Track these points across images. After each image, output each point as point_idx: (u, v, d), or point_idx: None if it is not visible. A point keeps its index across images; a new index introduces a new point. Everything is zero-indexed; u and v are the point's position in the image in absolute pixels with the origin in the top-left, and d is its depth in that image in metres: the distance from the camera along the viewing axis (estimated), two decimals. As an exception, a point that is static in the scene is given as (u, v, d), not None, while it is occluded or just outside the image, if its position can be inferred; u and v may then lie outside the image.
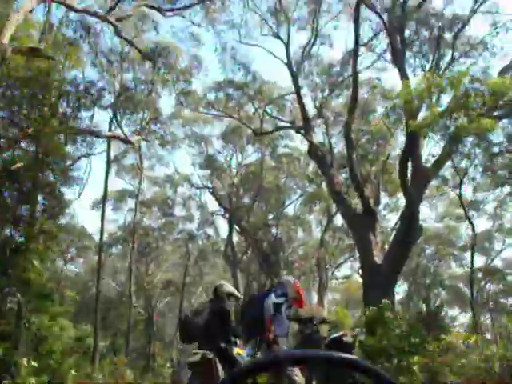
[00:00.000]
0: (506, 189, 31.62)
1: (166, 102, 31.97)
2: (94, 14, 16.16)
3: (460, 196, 16.43)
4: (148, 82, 27.50)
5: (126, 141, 20.74)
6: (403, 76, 18.67)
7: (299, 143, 36.90)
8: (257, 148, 37.11)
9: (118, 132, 23.49)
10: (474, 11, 22.85)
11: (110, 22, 16.24)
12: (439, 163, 20.39)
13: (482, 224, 65.57)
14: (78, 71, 20.25)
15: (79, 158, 18.71)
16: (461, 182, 16.35)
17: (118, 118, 24.98)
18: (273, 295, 6.80)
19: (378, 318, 12.21)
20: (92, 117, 19.71)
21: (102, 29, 23.47)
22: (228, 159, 37.55)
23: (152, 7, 18.57)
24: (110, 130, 24.26)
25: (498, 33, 24.28)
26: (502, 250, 40.46)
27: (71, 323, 25.43)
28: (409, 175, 20.14)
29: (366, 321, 12.32)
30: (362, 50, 25.32)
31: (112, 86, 25.12)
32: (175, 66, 26.16)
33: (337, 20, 28.75)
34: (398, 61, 20.07)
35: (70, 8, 15.12)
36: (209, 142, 37.99)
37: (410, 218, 19.98)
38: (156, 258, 44.08)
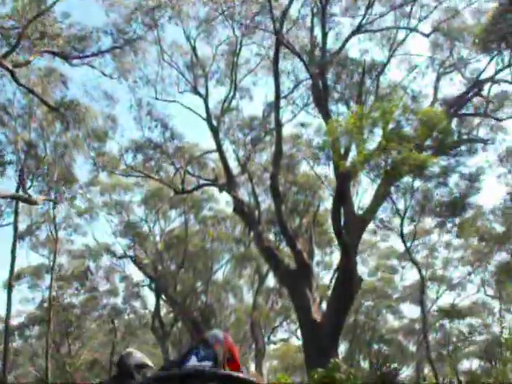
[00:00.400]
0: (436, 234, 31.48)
1: (81, 167, 30.06)
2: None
3: (402, 235, 15.42)
4: (57, 142, 25.58)
5: (28, 201, 18.70)
6: (328, 118, 17.83)
7: (224, 205, 35.78)
8: (180, 212, 35.56)
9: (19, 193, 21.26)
10: (390, 56, 22.78)
11: (5, 68, 14.57)
12: (374, 206, 19.47)
13: (414, 274, 65.78)
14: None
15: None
16: (402, 220, 15.35)
17: (23, 177, 22.71)
18: (193, 359, 5.02)
19: (328, 380, 10.68)
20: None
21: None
22: (151, 225, 35.66)
23: (55, 53, 17.02)
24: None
25: (414, 78, 24.38)
26: (437, 298, 39.95)
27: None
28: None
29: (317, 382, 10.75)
30: (283, 102, 24.73)
31: (15, 143, 22.98)
32: (87, 125, 24.40)
33: (255, 74, 28.18)
34: (322, 104, 19.32)
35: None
36: (129, 210, 36.14)
37: (347, 268, 18.80)
38: (79, 337, 40.82)
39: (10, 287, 22.37)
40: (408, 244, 34.93)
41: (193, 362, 4.52)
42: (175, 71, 25.91)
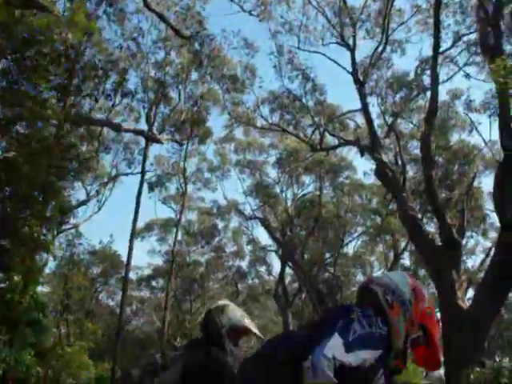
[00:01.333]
0: None
1: (215, 121, 29.06)
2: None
3: None
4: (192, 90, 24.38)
5: (152, 138, 17.50)
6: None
7: (362, 175, 33.36)
8: (315, 177, 33.55)
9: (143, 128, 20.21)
10: None
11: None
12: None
13: None
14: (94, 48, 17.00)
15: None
16: None
17: (150, 115, 21.62)
18: (356, 324, 2.32)
19: (489, 381, 8.13)
20: (113, 106, 16.58)
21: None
22: (284, 188, 34.01)
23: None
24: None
25: None
26: None
27: (90, 361, 22.19)
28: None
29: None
30: (439, 60, 21.68)
31: (141, 74, 21.97)
32: (222, 68, 22.90)
33: (409, 29, 25.29)
34: (492, 50, 16.06)
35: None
36: (263, 170, 34.78)
37: (507, 250, 15.68)
38: (201, 296, 40.54)
39: (132, 233, 21.61)
40: None
41: (333, 344, 2.19)
42: (320, 21, 23.70)
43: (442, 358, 2.60)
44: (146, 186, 28.34)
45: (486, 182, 23.68)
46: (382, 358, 2.30)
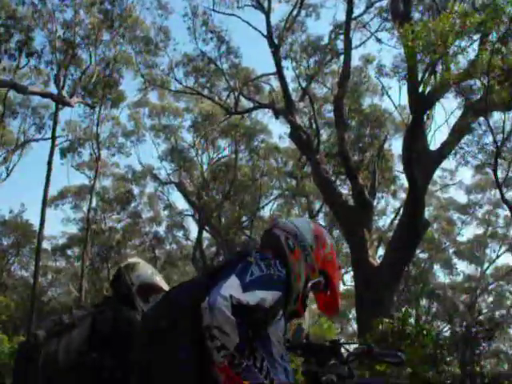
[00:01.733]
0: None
1: (128, 85, 28.37)
2: None
3: (496, 175, 12.95)
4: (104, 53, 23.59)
5: (62, 101, 16.84)
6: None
7: (277, 139, 33.67)
8: (230, 142, 33.56)
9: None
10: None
11: None
12: (454, 138, 16.84)
13: (471, 230, 63.37)
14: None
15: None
16: (496, 156, 12.84)
17: (59, 77, 20.74)
18: (253, 266, 2.34)
19: (397, 333, 8.55)
20: (17, 67, 15.78)
21: None
22: (199, 152, 33.81)
23: None
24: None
25: None
26: (497, 258, 37.25)
27: (4, 336, 21.53)
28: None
29: (381, 336, 8.64)
30: (352, 25, 22.02)
31: (47, 34, 20.97)
32: (135, 29, 22.32)
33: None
34: (402, 16, 16.50)
35: None
36: (178, 135, 34.39)
37: (414, 207, 16.41)
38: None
39: (44, 200, 20.90)
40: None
41: (229, 284, 2.20)
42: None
43: (340, 304, 2.64)
44: (57, 151, 27.50)
45: (396, 145, 24.59)
46: (280, 301, 2.34)
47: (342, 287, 39.51)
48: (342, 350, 2.76)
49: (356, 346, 3.07)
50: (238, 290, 2.20)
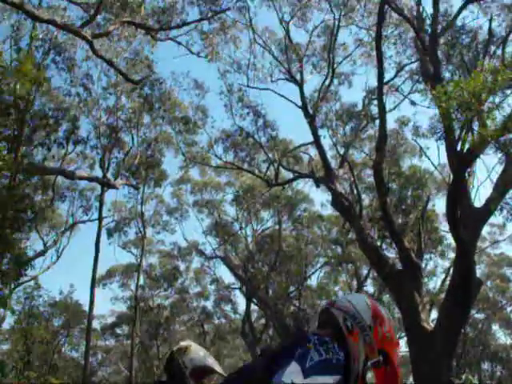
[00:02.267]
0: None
1: (170, 164, 29.18)
2: (64, 27, 13.10)
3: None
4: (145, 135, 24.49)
5: (108, 184, 17.39)
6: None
7: (319, 207, 33.80)
8: (273, 213, 33.81)
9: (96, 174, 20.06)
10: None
11: (83, 38, 13.21)
12: (498, 194, 16.57)
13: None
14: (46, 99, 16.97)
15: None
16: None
17: (104, 161, 21.55)
18: (312, 352, 2.29)
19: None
20: (64, 154, 16.47)
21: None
22: (243, 225, 34.09)
23: (136, 24, 15.49)
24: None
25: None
26: None
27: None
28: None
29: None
30: (385, 89, 22.38)
31: (92, 121, 21.95)
32: (174, 109, 23.12)
33: (353, 62, 26.10)
34: (433, 78, 16.69)
35: (30, 16, 12.14)
36: (220, 209, 34.84)
37: (464, 269, 16.01)
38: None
39: (93, 281, 21.26)
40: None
41: (290, 370, 2.24)
42: (267, 59, 24.30)
43: (401, 380, 2.57)
44: (104, 232, 28.16)
45: (440, 205, 24.35)
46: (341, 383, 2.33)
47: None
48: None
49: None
50: (298, 375, 2.18)
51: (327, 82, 23.85)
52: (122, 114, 24.15)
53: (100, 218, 22.54)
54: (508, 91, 12.39)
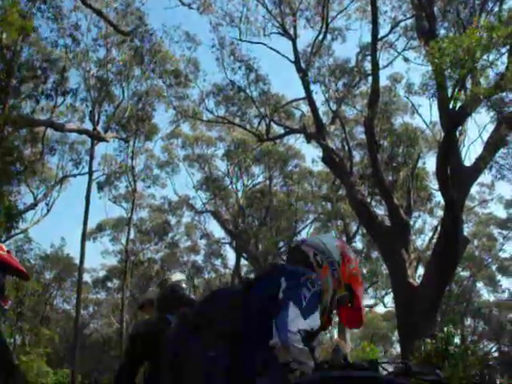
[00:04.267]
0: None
1: (161, 117, 28.88)
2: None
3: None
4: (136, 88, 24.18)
5: (97, 137, 17.24)
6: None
7: (311, 163, 33.76)
8: (264, 168, 33.76)
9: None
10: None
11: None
12: (488, 153, 16.62)
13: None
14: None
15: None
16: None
17: (94, 114, 21.29)
18: (304, 290, 2.40)
19: (439, 353, 8.42)
20: (54, 106, 16.25)
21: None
22: (233, 180, 34.07)
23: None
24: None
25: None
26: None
27: (49, 368, 21.83)
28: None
29: (424, 357, 8.50)
30: (379, 46, 22.08)
31: (82, 73, 21.59)
32: (165, 62, 22.75)
33: (348, 17, 25.66)
34: (428, 34, 16.48)
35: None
36: (211, 164, 34.74)
37: (452, 227, 16.17)
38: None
39: (84, 234, 21.30)
40: None
41: (292, 317, 2.28)
42: (261, 12, 23.82)
43: (364, 319, 2.71)
44: (95, 186, 28.08)
45: (430, 163, 24.42)
46: None
47: (383, 309, 39.09)
48: (381, 369, 2.78)
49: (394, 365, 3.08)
50: (300, 320, 2.26)
51: (321, 37, 23.50)
52: (113, 67, 23.77)
53: (90, 172, 22.43)
54: (503, 49, 12.26)
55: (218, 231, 62.67)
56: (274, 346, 2.23)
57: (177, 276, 4.21)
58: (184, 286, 4.12)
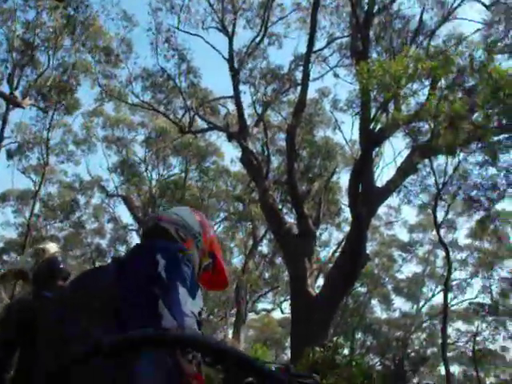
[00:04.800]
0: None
1: (84, 93, 28.05)
2: None
3: (435, 216, 13.42)
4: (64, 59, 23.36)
5: (13, 101, 16.48)
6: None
7: (229, 162, 33.92)
8: (182, 160, 33.53)
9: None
10: (443, 21, 20.44)
11: None
12: (399, 177, 17.31)
13: (411, 268, 65.24)
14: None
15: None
16: (436, 198, 13.28)
17: (13, 77, 20.32)
18: (183, 266, 2.29)
19: (327, 362, 8.68)
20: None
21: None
22: (149, 168, 33.64)
23: None
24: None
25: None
26: (432, 296, 38.29)
27: None
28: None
29: (312, 364, 8.74)
30: (312, 58, 22.55)
31: (6, 31, 20.59)
32: (97, 40, 22.18)
33: (288, 25, 26.00)
34: (361, 55, 17.01)
35: None
36: (130, 148, 34.15)
37: (356, 242, 16.74)
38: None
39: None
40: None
41: (183, 299, 2.25)
42: (202, 4, 23.80)
43: (228, 279, 2.78)
44: (4, 153, 26.89)
45: (344, 179, 25.14)
46: None
47: (280, 314, 39.76)
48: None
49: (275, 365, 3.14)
50: (189, 300, 2.19)
51: (258, 40, 23.75)
52: (41, 32, 22.83)
53: (1, 138, 21.43)
54: (426, 82, 12.84)
55: (126, 217, 61.65)
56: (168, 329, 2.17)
57: (53, 247, 3.95)
58: (60, 259, 3.90)
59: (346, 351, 12.98)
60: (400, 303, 52.85)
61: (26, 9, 21.28)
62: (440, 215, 17.51)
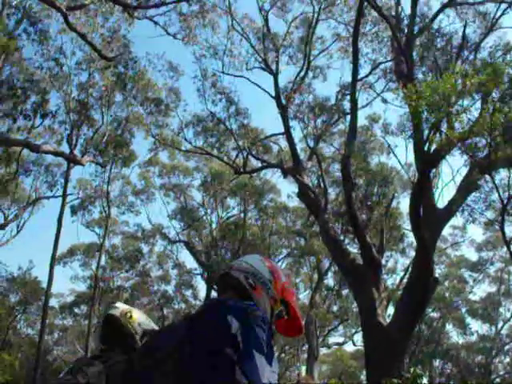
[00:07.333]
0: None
1: (139, 145, 28.89)
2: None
3: (503, 232, 13.00)
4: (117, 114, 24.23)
5: (73, 160, 17.13)
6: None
7: (286, 198, 33.98)
8: (239, 201, 33.82)
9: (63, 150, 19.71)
10: (487, 34, 20.10)
11: (57, 9, 12.91)
12: (460, 196, 16.89)
13: (484, 288, 62.93)
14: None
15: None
16: (503, 213, 12.87)
17: (71, 136, 21.22)
18: (257, 329, 2.23)
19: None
20: (31, 127, 16.20)
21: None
22: (208, 211, 34.07)
23: (116, 1, 15.21)
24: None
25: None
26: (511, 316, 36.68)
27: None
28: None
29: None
30: (358, 86, 22.53)
31: (63, 96, 21.57)
32: (146, 91, 22.92)
33: (330, 56, 26.14)
34: (406, 77, 16.87)
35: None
36: (187, 194, 34.75)
37: (423, 267, 16.29)
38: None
39: (53, 257, 20.99)
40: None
41: (262, 368, 2.21)
42: (244, 46, 24.23)
43: (303, 327, 2.71)
44: (68, 209, 27.81)
45: (404, 203, 24.73)
46: None
47: (352, 347, 38.91)
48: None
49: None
50: (267, 368, 2.14)
51: (302, 74, 23.93)
52: (94, 91, 23.83)
53: (64, 195, 22.23)
54: (476, 96, 12.59)
55: (190, 262, 62.35)
56: None
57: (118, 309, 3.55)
58: (120, 317, 3.44)
59: (424, 380, 12.55)
60: (476, 326, 50.93)
61: (80, 72, 22.28)
62: (509, 230, 16.97)
